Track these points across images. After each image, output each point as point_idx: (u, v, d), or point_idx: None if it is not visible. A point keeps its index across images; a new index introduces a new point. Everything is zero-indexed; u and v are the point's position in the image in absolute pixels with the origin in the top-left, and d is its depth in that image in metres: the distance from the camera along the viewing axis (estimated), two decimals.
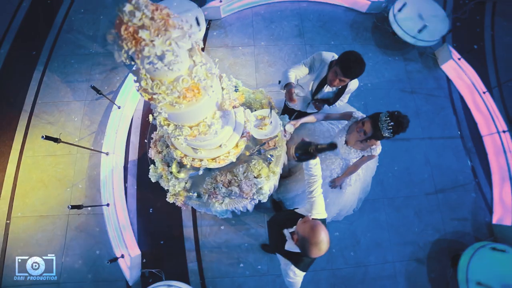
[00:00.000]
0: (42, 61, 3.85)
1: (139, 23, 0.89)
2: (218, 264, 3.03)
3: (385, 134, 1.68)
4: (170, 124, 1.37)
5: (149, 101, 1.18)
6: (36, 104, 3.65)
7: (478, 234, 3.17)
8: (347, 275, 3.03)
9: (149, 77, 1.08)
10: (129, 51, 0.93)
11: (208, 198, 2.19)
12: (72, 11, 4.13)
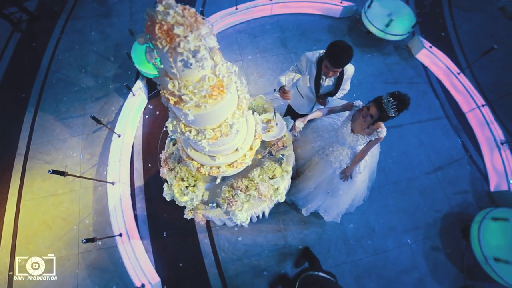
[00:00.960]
0: (33, 102, 3.84)
1: (172, 20, 0.97)
2: (242, 276, 2.98)
3: (391, 114, 1.82)
4: (192, 130, 1.44)
5: (175, 105, 1.25)
6: (30, 146, 3.59)
7: (481, 203, 3.34)
8: (368, 264, 3.07)
9: (176, 79, 1.17)
10: (163, 49, 1.01)
11: (227, 207, 2.22)
12: (58, 51, 4.20)
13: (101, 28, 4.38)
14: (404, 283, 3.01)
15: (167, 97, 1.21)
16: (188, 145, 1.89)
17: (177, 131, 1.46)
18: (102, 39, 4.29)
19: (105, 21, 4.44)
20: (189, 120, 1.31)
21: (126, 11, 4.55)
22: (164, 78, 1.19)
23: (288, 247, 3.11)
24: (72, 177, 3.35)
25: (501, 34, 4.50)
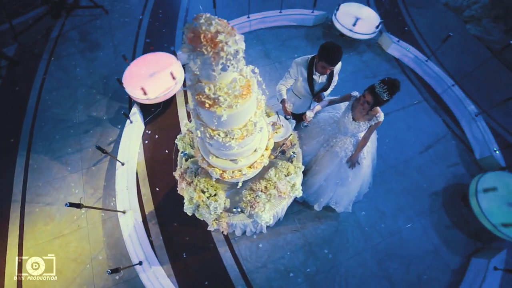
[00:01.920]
0: (23, 145, 3.71)
1: (214, 30, 1.11)
2: (269, 282, 2.97)
3: (385, 97, 2.03)
4: (220, 133, 1.53)
5: (209, 108, 1.35)
6: (27, 190, 3.43)
7: (471, 171, 3.64)
8: (386, 247, 3.19)
9: (211, 83, 1.29)
10: (208, 54, 1.13)
11: (250, 210, 2.28)
12: (44, 91, 4.15)
13: (86, 63, 4.42)
14: (423, 258, 3.15)
15: (203, 101, 1.32)
16: (208, 154, 1.96)
17: (206, 136, 1.55)
18: (89, 74, 4.31)
19: (89, 56, 4.49)
20: (221, 122, 1.41)
21: (108, 44, 4.63)
22: (199, 84, 1.31)
23: (308, 245, 3.16)
24: (78, 215, 3.26)
25: (452, 23, 5.12)
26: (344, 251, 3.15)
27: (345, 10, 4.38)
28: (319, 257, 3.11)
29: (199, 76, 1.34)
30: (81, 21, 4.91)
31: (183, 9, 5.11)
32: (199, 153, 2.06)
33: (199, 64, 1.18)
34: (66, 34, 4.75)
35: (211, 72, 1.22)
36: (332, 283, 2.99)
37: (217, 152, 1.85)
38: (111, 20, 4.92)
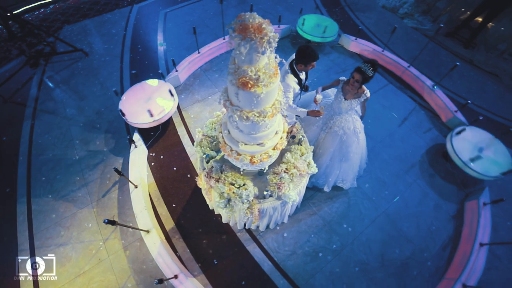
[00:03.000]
0: (22, 192, 3.57)
1: (257, 22, 1.44)
2: (302, 266, 3.10)
3: (370, 73, 2.48)
4: (254, 113, 1.79)
5: (251, 89, 1.63)
6: (34, 236, 3.25)
7: (443, 133, 4.25)
8: (394, 210, 3.53)
9: (252, 66, 1.59)
10: (256, 39, 1.46)
11: (278, 191, 2.50)
12: (35, 135, 4.08)
13: (75, 103, 4.46)
14: (427, 213, 3.53)
15: (246, 82, 1.60)
16: (238, 143, 2.20)
17: (243, 118, 1.81)
18: (80, 112, 4.35)
19: (77, 96, 4.55)
20: (258, 101, 1.72)
21: (94, 82, 4.75)
22: (242, 69, 1.61)
23: (327, 224, 3.39)
24: (96, 248, 3.17)
25: (392, 20, 6.10)
26: (360, 222, 3.43)
27: (308, 22, 5.07)
28: (340, 232, 3.34)
29: (240, 63, 1.64)
30: (61, 65, 5.00)
31: (160, 42, 5.46)
32: (225, 146, 2.28)
33: (248, 49, 1.48)
34: (49, 80, 4.78)
35: (255, 56, 1.53)
36: (358, 253, 3.21)
37: (247, 138, 2.10)
38: (92, 61, 5.08)
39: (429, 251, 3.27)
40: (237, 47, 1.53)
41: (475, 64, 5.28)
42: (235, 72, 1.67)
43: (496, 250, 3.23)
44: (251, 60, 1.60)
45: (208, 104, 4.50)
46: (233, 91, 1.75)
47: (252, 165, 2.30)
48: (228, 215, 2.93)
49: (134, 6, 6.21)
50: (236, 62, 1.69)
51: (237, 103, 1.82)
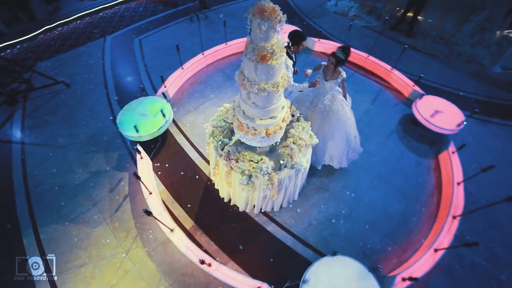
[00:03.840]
0: (26, 225, 3.43)
1: (272, 5, 1.86)
2: (320, 234, 3.39)
3: (341, 56, 3.03)
4: (268, 85, 2.17)
5: (267, 61, 2.03)
6: (50, 264, 3.12)
7: (408, 104, 4.99)
8: (385, 170, 4.04)
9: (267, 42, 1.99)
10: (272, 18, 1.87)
11: (291, 161, 2.83)
12: (29, 168, 3.97)
13: (66, 131, 4.44)
14: (412, 170, 4.09)
15: (264, 55, 1.99)
16: (253, 120, 2.53)
17: (260, 90, 2.17)
18: (73, 139, 4.34)
19: (67, 125, 4.53)
20: (273, 73, 2.13)
21: (82, 109, 4.78)
22: (260, 45, 2.01)
23: (334, 194, 3.76)
24: (119, 261, 3.15)
25: (344, 22, 7.04)
26: (360, 187, 3.85)
27: None
28: (345, 199, 3.72)
29: (257, 42, 2.05)
30: (43, 99, 4.96)
31: (141, 65, 5.70)
32: (243, 125, 2.60)
33: (266, 27, 1.88)
34: (32, 114, 4.71)
35: (271, 33, 1.95)
36: (364, 213, 3.59)
37: (261, 112, 2.44)
38: (75, 91, 5.12)
39: (420, 200, 3.78)
40: (257, 26, 1.93)
41: (418, 49, 6.34)
42: (253, 50, 2.05)
43: (469, 188, 3.82)
44: (267, 38, 2.02)
45: (200, 112, 4.78)
46: (252, 67, 2.13)
47: (268, 138, 2.63)
48: (247, 196, 3.16)
49: (106, 37, 6.42)
50: (253, 42, 2.08)
51: (255, 78, 2.19)
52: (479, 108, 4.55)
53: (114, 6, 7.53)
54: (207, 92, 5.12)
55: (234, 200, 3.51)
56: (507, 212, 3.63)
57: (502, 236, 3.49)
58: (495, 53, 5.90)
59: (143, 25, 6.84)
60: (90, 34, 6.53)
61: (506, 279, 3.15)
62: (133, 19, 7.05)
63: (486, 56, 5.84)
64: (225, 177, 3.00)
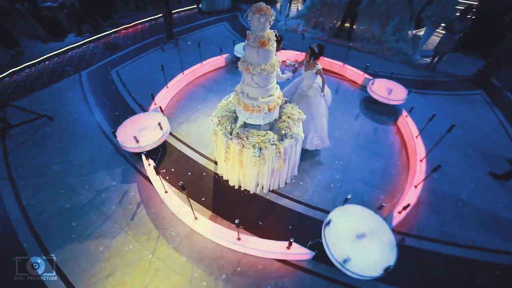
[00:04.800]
0: (35, 252, 3.26)
1: (266, 6, 2.51)
2: (324, 197, 3.89)
3: (316, 50, 3.83)
4: (268, 66, 2.78)
5: (266, 46, 2.64)
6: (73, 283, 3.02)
7: (363, 89, 6.06)
8: (361, 141, 4.82)
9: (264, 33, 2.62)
10: (267, 14, 2.49)
11: (289, 132, 3.39)
12: (25, 200, 3.80)
13: (59, 158, 4.37)
14: (382, 136, 4.95)
15: (264, 41, 2.60)
16: (256, 99, 3.08)
17: (262, 70, 2.76)
18: (69, 164, 4.30)
19: (59, 153, 4.48)
20: (269, 55, 2.76)
21: (73, 136, 4.77)
22: (260, 34, 2.62)
23: (326, 165, 4.35)
24: (147, 262, 3.20)
25: (298, 36, 8.31)
26: (344, 156, 4.53)
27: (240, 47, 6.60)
28: (336, 167, 4.34)
29: (257, 32, 2.65)
30: (25, 135, 4.83)
31: (124, 92, 5.95)
32: (248, 105, 3.12)
33: (263, 20, 2.51)
34: (16, 150, 4.55)
35: (266, 24, 2.58)
36: (355, 174, 4.23)
37: (262, 91, 3.00)
38: (60, 123, 5.10)
39: (393, 156, 4.58)
40: (257, 20, 2.56)
41: (358, 49, 7.75)
42: (255, 39, 2.67)
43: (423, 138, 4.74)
44: (264, 28, 2.66)
45: (192, 121, 5.16)
46: (255, 52, 2.72)
47: (269, 113, 3.18)
48: (257, 174, 3.56)
49: (81, 73, 6.56)
50: (253, 34, 2.70)
51: (257, 61, 2.79)
52: (415, 84, 5.78)
53: (82, 46, 7.75)
54: (193, 105, 5.55)
55: (245, 184, 3.87)
56: (453, 144, 4.64)
57: (454, 168, 4.41)
58: (412, 46, 7.55)
59: (116, 58, 7.16)
60: (63, 71, 6.60)
61: (466, 197, 3.99)
62: (104, 54, 7.34)
63: (407, 48, 7.44)
64: (237, 157, 3.39)
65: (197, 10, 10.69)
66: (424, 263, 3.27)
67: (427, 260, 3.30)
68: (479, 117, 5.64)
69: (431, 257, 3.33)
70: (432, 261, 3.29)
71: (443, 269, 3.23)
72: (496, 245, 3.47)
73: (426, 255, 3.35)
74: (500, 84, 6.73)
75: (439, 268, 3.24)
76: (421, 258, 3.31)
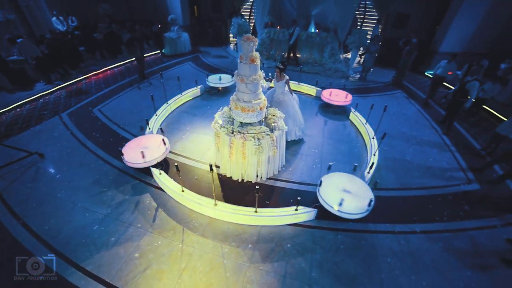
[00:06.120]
0: (64, 268, 3.35)
1: (252, 36, 3.67)
2: (311, 175, 4.85)
3: (281, 66, 5.13)
4: (256, 76, 3.85)
5: (254, 62, 3.74)
6: (112, 282, 3.20)
7: (318, 98, 7.59)
8: (328, 133, 6.08)
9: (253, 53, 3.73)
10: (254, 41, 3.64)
11: (276, 125, 4.40)
12: (36, 228, 3.84)
13: (63, 187, 4.48)
14: (339, 126, 6.31)
15: (253, 59, 3.69)
16: (250, 102, 4.07)
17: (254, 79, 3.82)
18: (76, 190, 4.44)
19: (60, 182, 4.59)
20: (256, 69, 3.86)
21: (70, 167, 4.91)
22: (249, 55, 3.72)
23: (305, 154, 5.40)
24: (179, 250, 3.59)
25: None
26: (318, 146, 5.68)
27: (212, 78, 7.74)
28: (313, 154, 5.42)
29: (247, 53, 3.71)
30: (15, 173, 4.80)
31: (112, 125, 6.32)
32: (244, 107, 4.06)
33: (251, 45, 3.61)
34: (9, 189, 4.49)
35: (253, 47, 3.68)
36: (329, 157, 5.34)
37: (253, 95, 4.02)
38: (53, 158, 5.20)
39: (353, 140, 5.91)
40: (247, 45, 3.67)
41: (306, 72, 9.62)
42: (246, 58, 3.75)
43: (370, 122, 6.26)
44: (252, 51, 3.78)
45: (185, 139, 5.80)
46: (247, 67, 3.80)
47: (261, 112, 4.19)
48: (257, 163, 4.37)
49: (61, 115, 6.74)
50: (245, 55, 3.79)
51: (248, 74, 3.85)
52: (356, 91, 7.54)
53: (54, 92, 7.92)
54: (182, 127, 6.24)
55: (247, 175, 4.61)
56: (391, 126, 6.21)
57: (396, 140, 5.91)
58: (345, 65, 9.76)
59: (94, 99, 7.52)
60: (41, 115, 6.67)
61: (409, 158, 5.41)
62: (80, 97, 7.63)
63: (342, 67, 9.58)
64: (241, 149, 4.20)
65: (161, 55, 11.79)
66: (393, 204, 4.35)
67: (395, 202, 4.39)
68: (403, 107, 7.57)
69: (397, 200, 4.44)
70: (398, 202, 4.40)
71: (406, 206, 4.34)
72: (434, 183, 4.80)
73: (393, 199, 4.45)
74: (411, 85, 9.11)
75: (404, 205, 4.35)
76: (391, 202, 4.39)
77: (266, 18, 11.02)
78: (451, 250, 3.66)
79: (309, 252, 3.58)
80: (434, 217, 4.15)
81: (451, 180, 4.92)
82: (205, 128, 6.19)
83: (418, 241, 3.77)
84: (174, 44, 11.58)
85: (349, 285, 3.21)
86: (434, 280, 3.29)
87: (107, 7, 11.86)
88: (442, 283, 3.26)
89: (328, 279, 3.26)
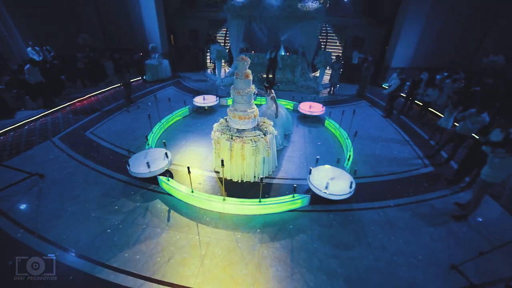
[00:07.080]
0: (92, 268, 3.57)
1: (246, 57, 4.54)
2: (300, 171, 5.62)
3: (266, 84, 6.08)
4: (249, 89, 4.69)
5: (247, 78, 4.62)
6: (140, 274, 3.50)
7: (295, 110, 8.65)
8: (309, 139, 7.02)
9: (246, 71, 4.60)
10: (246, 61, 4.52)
11: (267, 131, 5.19)
12: (52, 238, 3.98)
13: (71, 202, 4.64)
14: (318, 133, 7.30)
15: (247, 75, 4.54)
16: (246, 111, 4.85)
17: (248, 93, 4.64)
18: (84, 205, 4.62)
19: (67, 198, 4.75)
20: (248, 83, 4.72)
21: (74, 185, 5.09)
22: (244, 72, 4.58)
23: (292, 156, 6.21)
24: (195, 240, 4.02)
25: None
26: (301, 149, 6.54)
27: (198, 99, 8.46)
28: (299, 155, 6.25)
29: (242, 71, 4.54)
30: (16, 195, 4.85)
31: (108, 144, 6.59)
32: (243, 116, 4.82)
33: (245, 64, 4.45)
34: (13, 209, 4.53)
35: (247, 66, 4.53)
36: (312, 156, 6.19)
37: (247, 105, 4.81)
38: (54, 177, 5.31)
39: (332, 144, 6.90)
40: (242, 64, 4.51)
41: (282, 90, 10.80)
42: (242, 74, 4.58)
43: (343, 127, 7.37)
44: (246, 68, 4.63)
45: (182, 153, 6.30)
46: (242, 82, 4.62)
47: (254, 119, 4.98)
48: (255, 164, 5.05)
49: (53, 139, 6.82)
50: (240, 72, 4.62)
51: (243, 87, 4.66)
52: (328, 103, 8.76)
53: (39, 119, 7.93)
54: (178, 142, 6.74)
55: (246, 176, 5.23)
56: (361, 129, 7.37)
57: (365, 140, 7.03)
58: (315, 82, 11.19)
59: (84, 123, 7.71)
60: (30, 141, 6.69)
61: (378, 152, 6.50)
62: (69, 122, 7.76)
63: (313, 84, 10.96)
64: (240, 152, 4.87)
65: (143, 81, 12.28)
66: (371, 188, 5.25)
67: (372, 186, 5.30)
68: (367, 113, 8.94)
69: (373, 185, 5.36)
70: (374, 186, 5.32)
71: (381, 188, 5.27)
72: (400, 170, 5.87)
73: (371, 184, 5.37)
74: (372, 95, 10.72)
75: (379, 188, 5.27)
76: (369, 187, 5.29)
77: (241, 44, 12.28)
78: (417, 215, 4.58)
79: (308, 229, 4.23)
80: (403, 193, 5.11)
81: (412, 166, 6.04)
82: (200, 141, 6.76)
83: (393, 212, 4.64)
84: (156, 70, 12.22)
85: (345, 249, 3.90)
86: (407, 237, 4.13)
87: (87, 37, 12.25)
88: (413, 239, 4.11)
89: (328, 247, 3.92)
